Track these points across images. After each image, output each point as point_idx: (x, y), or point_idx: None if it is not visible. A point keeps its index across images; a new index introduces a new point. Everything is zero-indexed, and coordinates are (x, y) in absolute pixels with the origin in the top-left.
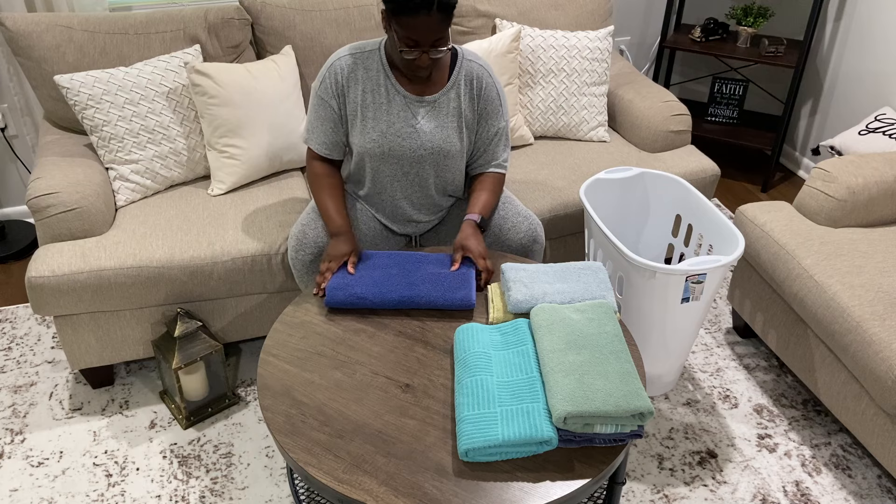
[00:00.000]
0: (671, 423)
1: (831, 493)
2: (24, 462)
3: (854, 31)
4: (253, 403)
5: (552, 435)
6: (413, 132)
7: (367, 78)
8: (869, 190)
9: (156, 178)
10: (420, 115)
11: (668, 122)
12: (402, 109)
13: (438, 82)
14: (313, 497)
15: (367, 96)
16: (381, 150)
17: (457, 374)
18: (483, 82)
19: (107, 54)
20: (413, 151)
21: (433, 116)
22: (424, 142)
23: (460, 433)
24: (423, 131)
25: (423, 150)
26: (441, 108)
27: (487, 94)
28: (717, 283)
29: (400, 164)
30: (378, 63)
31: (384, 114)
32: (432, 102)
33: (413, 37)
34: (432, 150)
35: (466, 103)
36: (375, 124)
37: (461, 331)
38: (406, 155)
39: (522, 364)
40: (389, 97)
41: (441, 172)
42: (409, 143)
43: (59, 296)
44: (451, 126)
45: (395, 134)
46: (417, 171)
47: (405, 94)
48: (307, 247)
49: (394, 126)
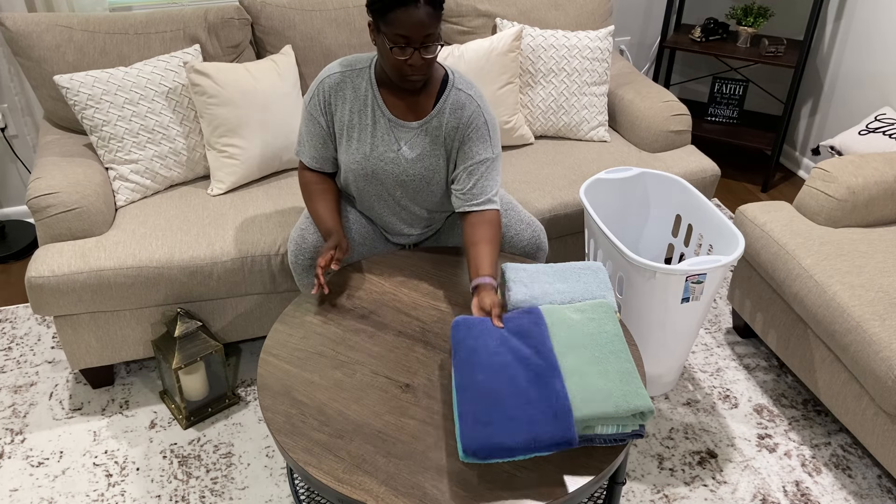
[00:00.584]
0: (671, 423)
1: (831, 493)
2: (24, 462)
3: (854, 31)
4: (253, 403)
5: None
6: (395, 157)
7: (354, 98)
8: (869, 190)
9: (155, 177)
10: (403, 140)
11: (668, 122)
12: (385, 133)
13: (424, 108)
14: (313, 497)
15: (354, 116)
16: (364, 172)
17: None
18: (468, 111)
19: (107, 54)
20: (395, 176)
21: (416, 143)
22: (406, 168)
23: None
24: (406, 158)
25: (405, 176)
26: (424, 135)
27: (472, 123)
28: (717, 283)
29: (384, 185)
30: (367, 82)
31: (368, 136)
32: (416, 129)
33: (403, 33)
34: (414, 176)
35: (449, 132)
36: (359, 146)
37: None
38: (388, 179)
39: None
40: (375, 119)
41: (424, 197)
42: (392, 168)
43: (59, 296)
44: (435, 154)
45: (377, 158)
46: (401, 193)
47: (390, 118)
48: (306, 251)
49: (377, 150)
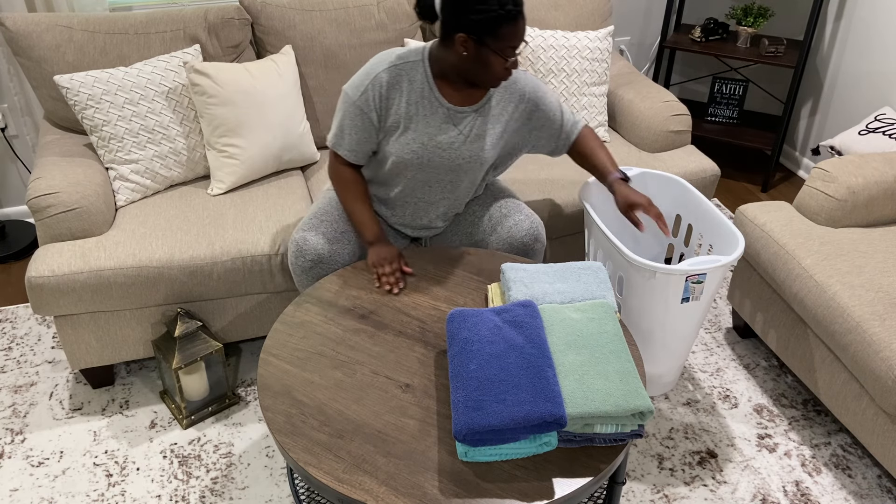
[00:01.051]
0: (671, 423)
1: (831, 493)
2: (24, 462)
3: (854, 31)
4: (253, 403)
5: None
6: (454, 143)
7: (411, 90)
8: (869, 190)
9: (155, 177)
10: (462, 125)
11: (668, 122)
12: (443, 122)
13: (477, 94)
14: (313, 497)
15: (411, 108)
16: (421, 160)
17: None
18: (521, 83)
19: (107, 54)
20: (452, 161)
21: (476, 125)
22: (463, 151)
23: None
24: (464, 142)
25: (461, 160)
26: (484, 115)
27: (528, 87)
28: (717, 283)
29: (436, 172)
30: (422, 75)
31: (426, 126)
32: (474, 112)
33: (512, 44)
34: (470, 158)
35: (508, 105)
36: (416, 136)
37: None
38: (444, 164)
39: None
40: (432, 109)
41: (471, 179)
42: (449, 154)
43: (59, 296)
44: (493, 133)
45: (435, 145)
46: (451, 178)
47: (448, 106)
48: (307, 254)
49: (435, 138)
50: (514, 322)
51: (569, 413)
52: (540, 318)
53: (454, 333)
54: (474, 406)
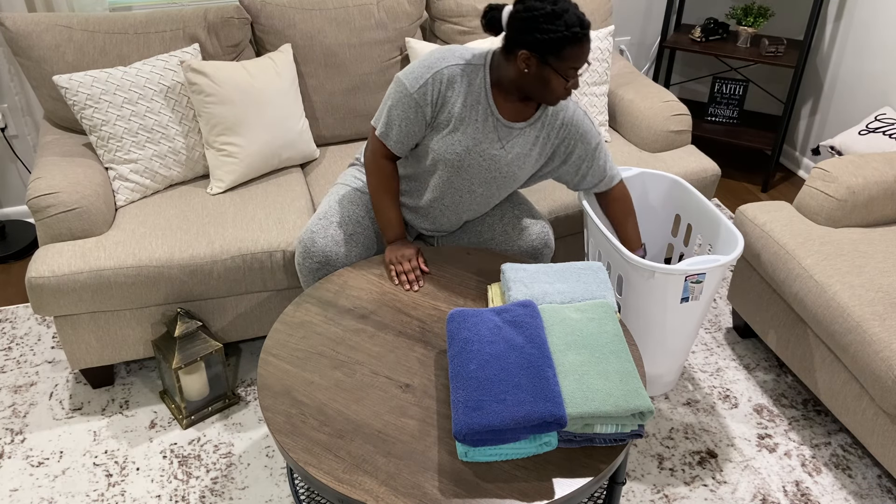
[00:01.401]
0: (671, 423)
1: (831, 493)
2: (24, 462)
3: (854, 31)
4: (253, 403)
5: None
6: (496, 155)
7: (469, 92)
8: (869, 190)
9: (155, 177)
10: (507, 140)
11: (668, 122)
12: (491, 131)
13: (528, 111)
14: (313, 497)
15: (465, 110)
16: (460, 164)
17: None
18: (569, 108)
19: (106, 54)
20: (489, 172)
21: (519, 144)
22: (502, 166)
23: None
24: (506, 156)
25: (496, 173)
26: (528, 136)
27: (575, 117)
28: (716, 282)
29: (472, 180)
30: (482, 80)
31: (475, 131)
32: (521, 130)
33: (576, 66)
34: (507, 174)
35: (553, 130)
36: (463, 138)
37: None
38: (481, 174)
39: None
40: (484, 116)
41: (501, 193)
42: (489, 164)
43: (59, 296)
44: (532, 154)
45: (479, 153)
46: (485, 190)
47: (498, 118)
48: (315, 255)
49: (480, 145)
50: (514, 322)
51: (569, 413)
52: (540, 318)
53: (454, 333)
54: (474, 406)
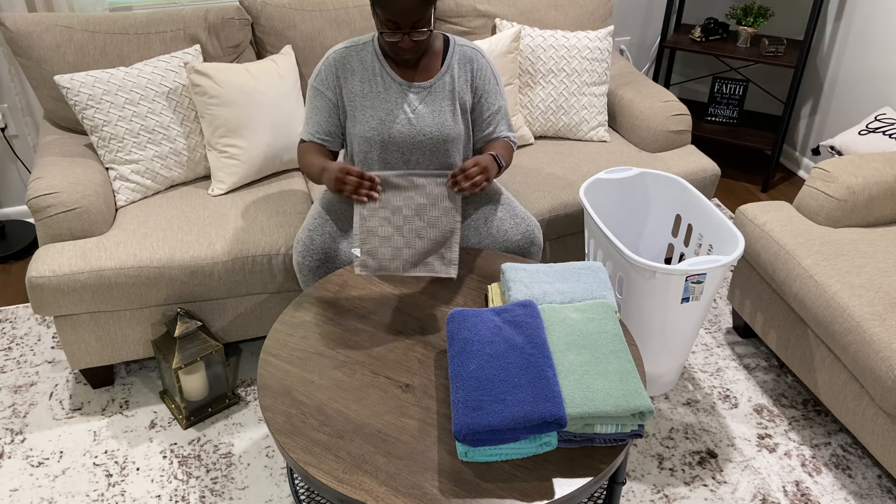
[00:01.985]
0: (671, 423)
1: (831, 493)
2: (24, 462)
3: (854, 31)
4: (253, 403)
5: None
6: (410, 118)
7: (362, 69)
8: (869, 190)
9: (156, 178)
10: (416, 101)
11: (668, 122)
12: (398, 97)
13: (432, 68)
14: (313, 497)
15: (365, 86)
16: (382, 138)
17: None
18: (477, 63)
19: (107, 54)
20: (412, 137)
21: (429, 102)
22: (423, 127)
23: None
24: (420, 117)
25: (421, 136)
26: (436, 93)
27: (483, 74)
28: (716, 283)
29: (400, 150)
30: (372, 53)
31: (381, 102)
32: (428, 88)
33: (393, 18)
34: (430, 135)
35: (462, 85)
36: (374, 112)
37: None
38: (406, 141)
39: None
40: (385, 85)
41: (442, 158)
42: (408, 130)
43: (59, 296)
44: (448, 110)
45: (392, 121)
46: (418, 157)
47: (400, 82)
48: (314, 253)
49: (391, 113)
50: (514, 322)
51: (569, 413)
52: (540, 318)
53: (454, 333)
54: (474, 406)
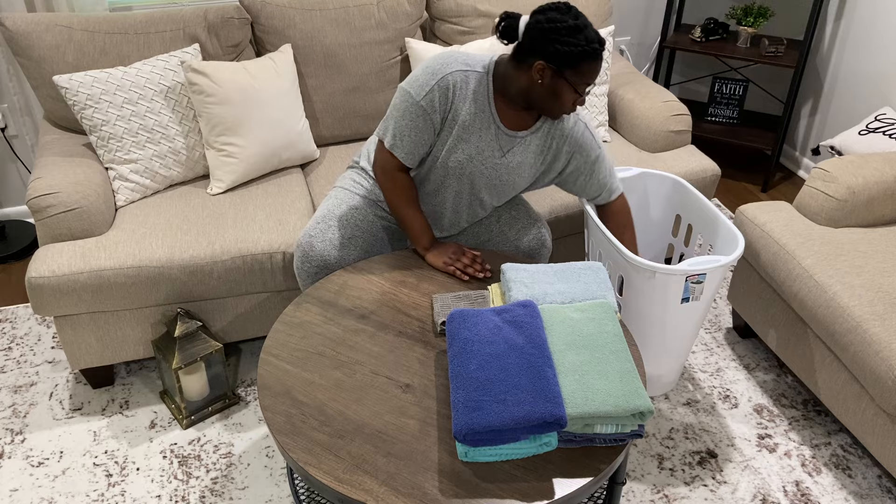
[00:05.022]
0: (671, 423)
1: (831, 493)
2: (24, 462)
3: (854, 31)
4: (253, 403)
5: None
6: (497, 164)
7: (474, 99)
8: (869, 190)
9: (155, 177)
10: (508, 149)
11: (668, 122)
12: (493, 139)
13: (529, 120)
14: (313, 497)
15: (469, 118)
16: (463, 171)
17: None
18: (570, 119)
19: (107, 54)
20: (489, 180)
21: (519, 153)
22: (503, 174)
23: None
24: (506, 165)
25: (497, 181)
26: (529, 145)
27: (574, 130)
28: (717, 283)
29: (473, 186)
30: (486, 88)
31: (478, 139)
32: (523, 139)
33: (591, 80)
34: (507, 182)
35: (553, 141)
36: (467, 147)
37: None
38: (481, 181)
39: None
40: (487, 125)
41: (503, 199)
42: (490, 173)
43: (59, 296)
44: (533, 163)
45: (481, 161)
46: (482, 197)
47: (500, 126)
48: (314, 259)
49: (482, 153)
50: (514, 322)
51: (569, 413)
52: (540, 318)
53: (454, 333)
54: (474, 406)
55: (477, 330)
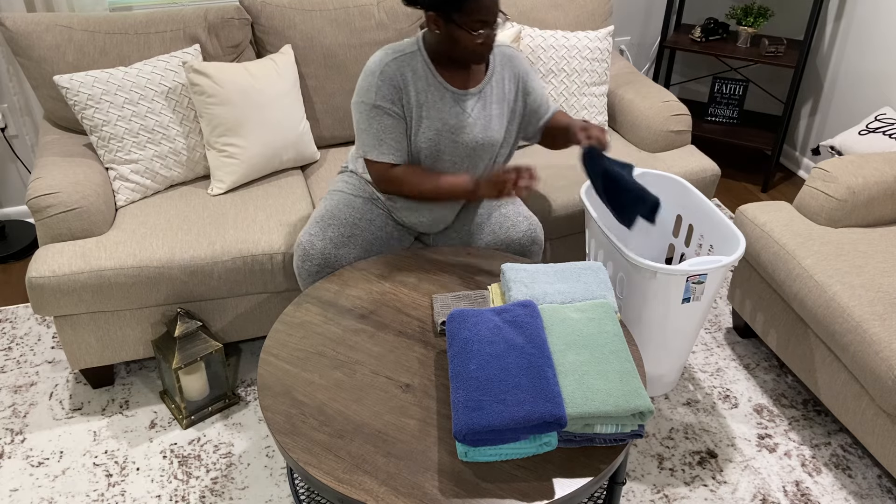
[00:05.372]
0: (671, 423)
1: (831, 493)
2: (24, 462)
3: (854, 31)
4: (253, 403)
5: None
6: (465, 126)
7: (415, 78)
8: (869, 190)
9: (156, 177)
10: (469, 107)
11: (668, 122)
12: (452, 105)
13: (478, 74)
14: (313, 497)
15: (421, 95)
16: (438, 147)
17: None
18: (517, 60)
19: (107, 54)
20: (466, 144)
21: (480, 108)
22: (476, 134)
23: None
24: (475, 124)
25: (475, 143)
26: (486, 97)
27: (523, 69)
28: (717, 283)
29: (453, 159)
30: (422, 63)
31: (437, 111)
32: (478, 93)
33: (482, 18)
34: (484, 141)
35: (508, 86)
36: (430, 123)
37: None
38: (459, 149)
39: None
40: (440, 94)
41: (488, 161)
42: (463, 138)
43: (59, 296)
44: (499, 114)
45: (448, 130)
46: (468, 164)
47: (453, 90)
48: (314, 258)
49: (447, 123)
50: (514, 322)
51: (569, 413)
52: (540, 318)
53: (454, 333)
54: (474, 406)
55: (477, 330)
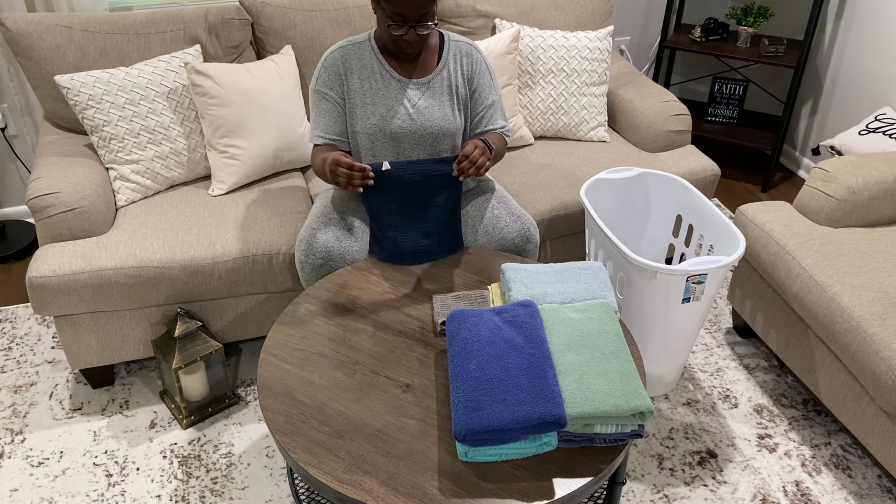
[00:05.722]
0: (671, 423)
1: (831, 493)
2: (24, 462)
3: (854, 31)
4: (253, 403)
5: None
6: (410, 114)
7: (361, 66)
8: (869, 190)
9: (156, 178)
10: (415, 97)
11: (668, 122)
12: (397, 93)
13: (430, 64)
14: (313, 497)
15: (364, 83)
16: (382, 134)
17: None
18: (471, 57)
19: (107, 54)
20: (412, 133)
21: (428, 97)
22: (423, 122)
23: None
24: (420, 112)
25: (422, 131)
26: (435, 88)
27: (478, 69)
28: (717, 283)
29: (402, 146)
30: (370, 51)
31: (381, 98)
32: (426, 84)
33: (400, 11)
34: (431, 129)
35: (459, 80)
36: (374, 109)
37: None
38: (406, 136)
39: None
40: (385, 82)
41: (441, 152)
42: (408, 126)
43: (59, 296)
44: (447, 104)
45: (392, 117)
46: (419, 152)
47: (399, 78)
48: (317, 251)
49: (392, 109)
50: (514, 322)
51: (569, 413)
52: (540, 319)
53: (454, 333)
54: (474, 406)
55: (477, 330)
